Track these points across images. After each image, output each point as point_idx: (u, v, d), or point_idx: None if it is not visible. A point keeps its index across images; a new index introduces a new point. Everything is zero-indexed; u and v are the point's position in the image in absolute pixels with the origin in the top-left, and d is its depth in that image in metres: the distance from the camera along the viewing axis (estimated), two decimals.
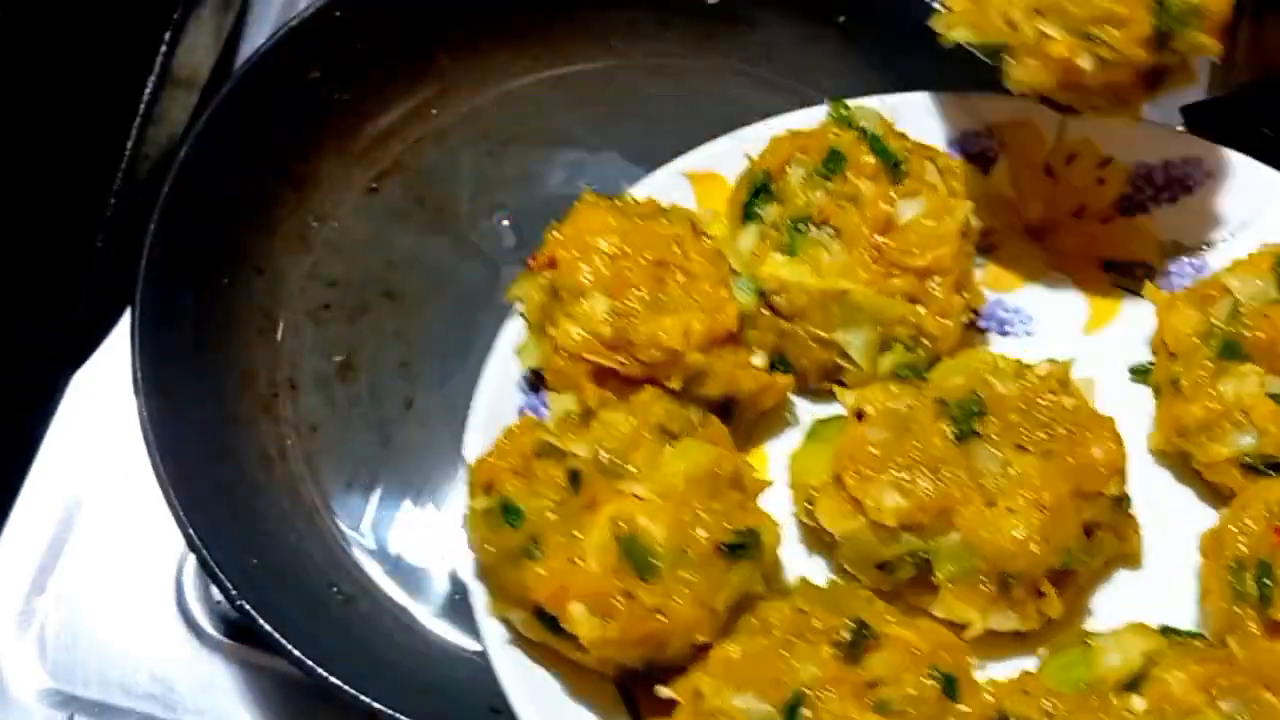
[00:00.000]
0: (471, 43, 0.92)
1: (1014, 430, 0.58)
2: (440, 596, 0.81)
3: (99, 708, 0.82)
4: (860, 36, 0.91)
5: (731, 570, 0.55)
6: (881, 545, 0.57)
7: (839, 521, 0.58)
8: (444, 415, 0.85)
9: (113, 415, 0.86)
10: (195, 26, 0.95)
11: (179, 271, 0.82)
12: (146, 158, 0.92)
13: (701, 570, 0.54)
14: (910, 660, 0.54)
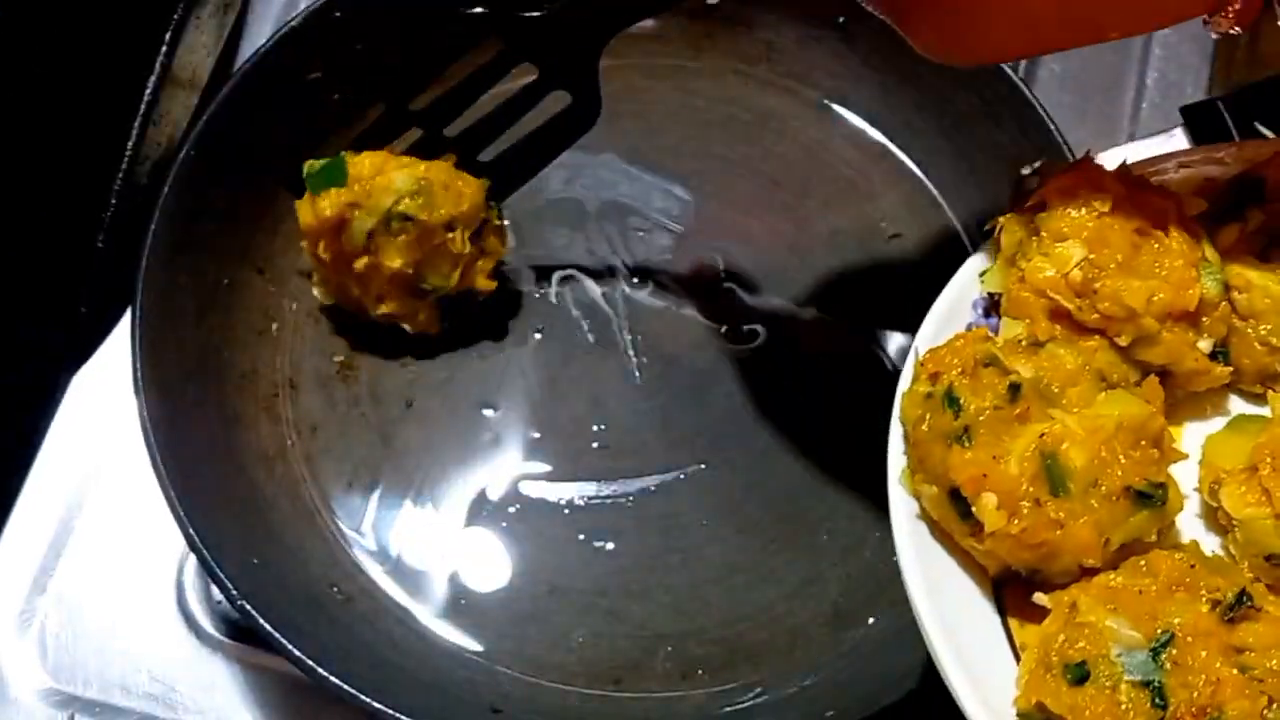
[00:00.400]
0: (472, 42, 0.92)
1: None
2: (441, 596, 0.81)
3: (99, 707, 0.82)
4: (860, 36, 0.91)
5: (1134, 514, 0.59)
6: (1277, 537, 0.60)
7: (1243, 507, 0.61)
8: (444, 415, 0.85)
9: (113, 415, 0.86)
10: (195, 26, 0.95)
11: (179, 272, 0.82)
12: (147, 158, 0.92)
13: (1107, 504, 0.58)
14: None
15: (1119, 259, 0.63)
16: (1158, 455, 0.61)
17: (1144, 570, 0.59)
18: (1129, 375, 0.64)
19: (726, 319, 0.88)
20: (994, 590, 0.62)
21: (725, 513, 0.83)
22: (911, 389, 0.64)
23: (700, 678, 0.79)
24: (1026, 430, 0.60)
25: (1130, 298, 0.63)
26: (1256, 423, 0.65)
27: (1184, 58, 0.99)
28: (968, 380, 0.61)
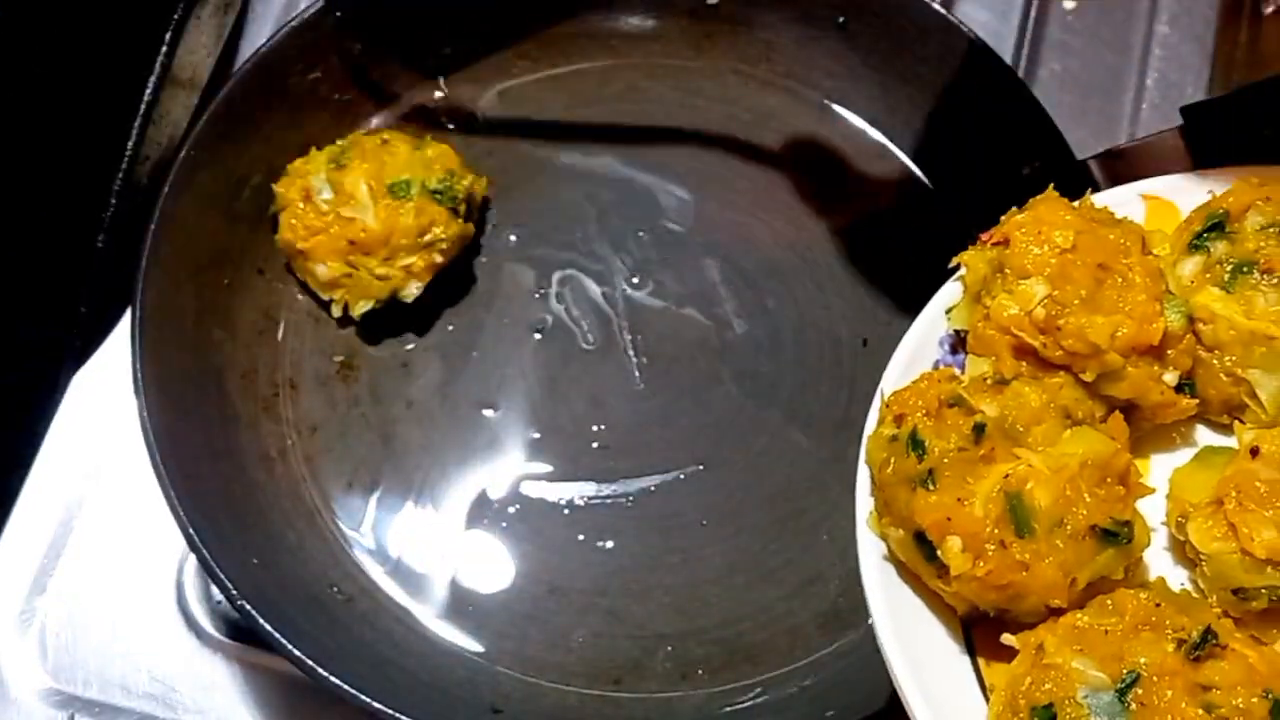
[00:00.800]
0: (471, 43, 0.92)
1: None
2: (441, 597, 0.81)
3: (99, 707, 0.82)
4: (860, 36, 0.91)
5: (1100, 552, 0.59)
6: (1244, 572, 0.60)
7: (1209, 542, 0.61)
8: (444, 415, 0.85)
9: (113, 415, 0.86)
10: (195, 26, 0.95)
11: (179, 271, 0.82)
12: (147, 158, 0.92)
13: (1073, 543, 0.59)
14: (1248, 677, 0.57)
15: (1082, 294, 0.64)
16: (1123, 492, 0.61)
17: (1110, 609, 0.59)
18: (1094, 411, 0.64)
19: (726, 319, 0.88)
20: (963, 630, 0.62)
21: (725, 513, 0.83)
22: (876, 432, 0.64)
23: (700, 678, 0.79)
24: (991, 471, 0.60)
25: (1094, 334, 0.63)
26: (1223, 455, 0.65)
27: (1184, 58, 0.99)
28: (932, 422, 0.61)
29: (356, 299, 0.84)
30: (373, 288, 0.84)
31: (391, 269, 0.83)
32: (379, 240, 0.82)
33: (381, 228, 0.82)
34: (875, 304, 0.88)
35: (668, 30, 0.94)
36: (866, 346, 0.87)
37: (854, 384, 0.86)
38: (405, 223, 0.83)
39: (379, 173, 0.83)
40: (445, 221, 0.84)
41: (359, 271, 0.83)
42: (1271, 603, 0.60)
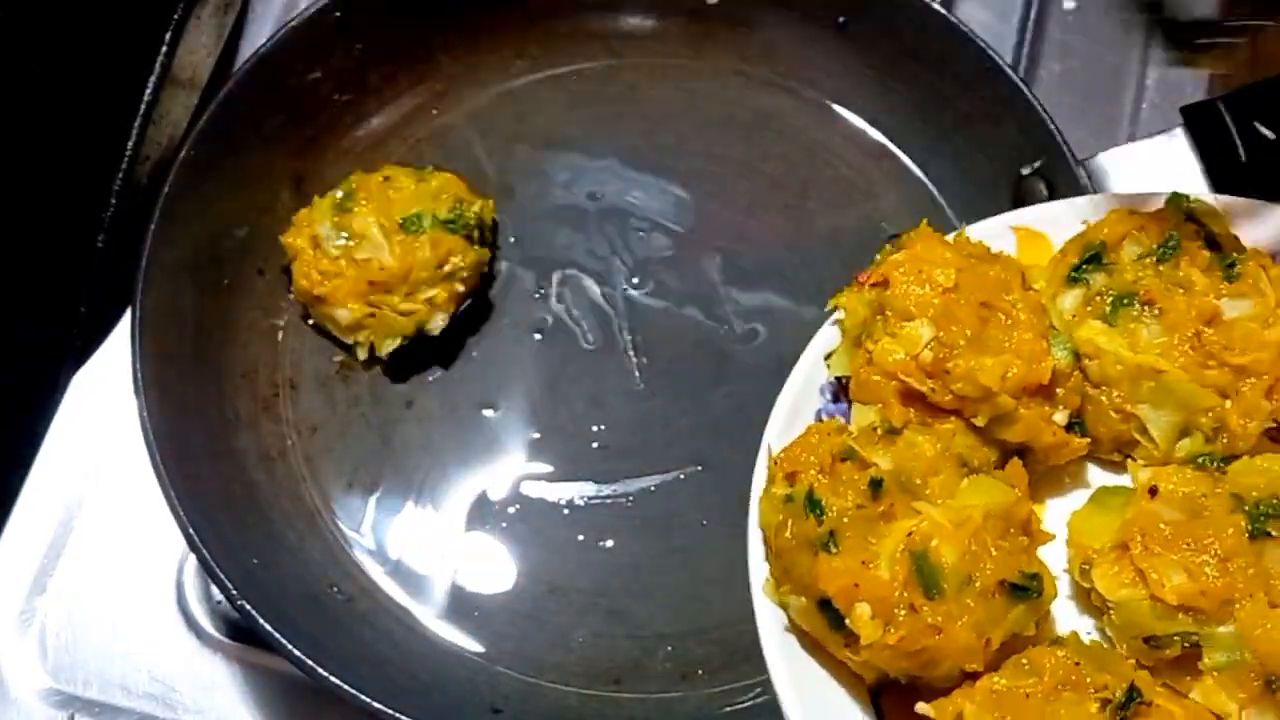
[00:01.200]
0: (471, 43, 0.92)
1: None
2: (441, 596, 0.81)
3: (99, 707, 0.82)
4: (860, 36, 0.91)
5: (1011, 609, 0.57)
6: (1155, 619, 0.58)
7: (1117, 589, 0.59)
8: (444, 415, 0.85)
9: (113, 415, 0.86)
10: (195, 27, 0.95)
11: (179, 271, 0.82)
12: (147, 158, 0.92)
13: (983, 601, 0.56)
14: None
15: (968, 334, 0.61)
16: (1027, 542, 0.59)
17: (1027, 669, 0.57)
18: (989, 456, 0.62)
19: (726, 319, 0.88)
20: (871, 699, 0.60)
21: (725, 513, 0.83)
22: (769, 492, 0.61)
23: (700, 678, 0.79)
24: (893, 528, 0.57)
25: (984, 376, 0.61)
26: (1119, 495, 0.63)
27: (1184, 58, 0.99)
28: (826, 479, 0.59)
29: (382, 338, 0.83)
30: (397, 325, 0.83)
31: (415, 304, 0.83)
32: (398, 277, 0.82)
33: (399, 264, 0.82)
34: None
35: (668, 30, 0.94)
36: None
37: None
38: (423, 256, 0.82)
39: (387, 210, 0.83)
40: (462, 250, 0.84)
41: (382, 310, 0.83)
42: (1184, 649, 0.58)
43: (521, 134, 0.93)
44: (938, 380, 0.61)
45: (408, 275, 0.82)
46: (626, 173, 0.92)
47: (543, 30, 0.92)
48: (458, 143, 0.92)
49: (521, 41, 0.93)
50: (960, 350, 0.61)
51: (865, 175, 0.92)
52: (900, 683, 0.58)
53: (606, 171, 0.92)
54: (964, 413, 0.62)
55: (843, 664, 0.59)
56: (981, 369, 0.61)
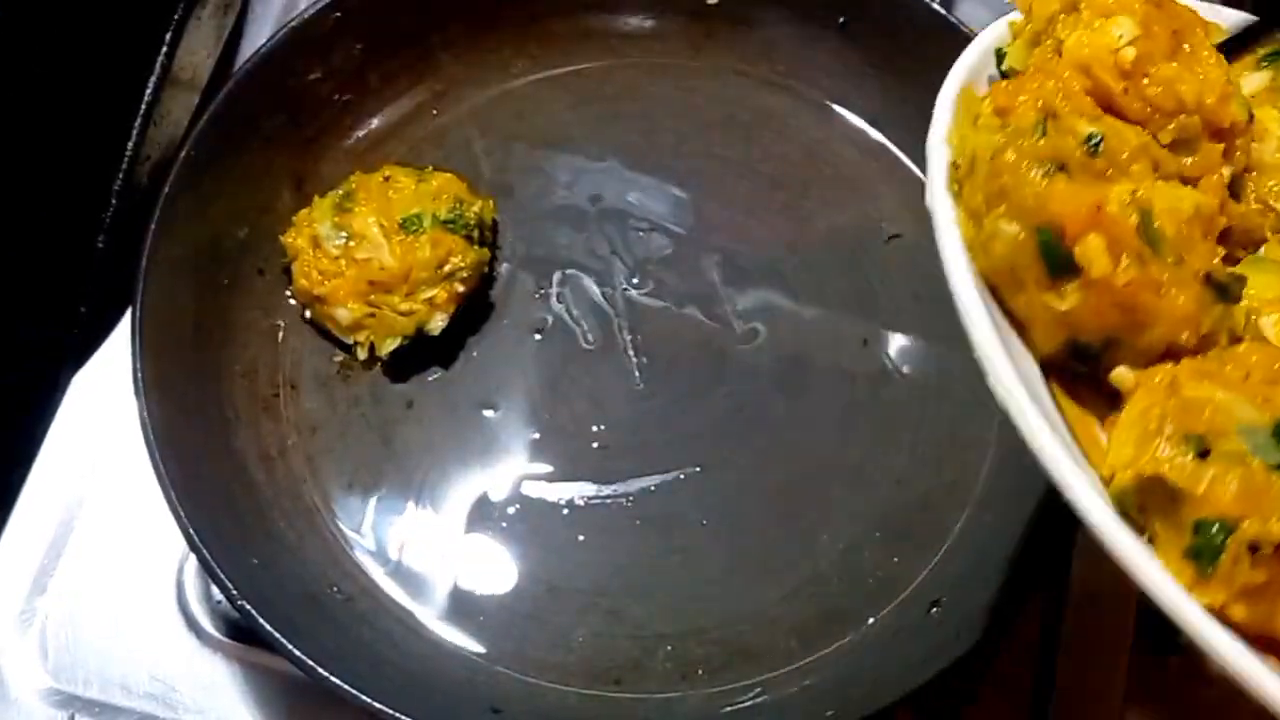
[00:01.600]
0: (471, 43, 0.92)
1: None
2: (441, 597, 0.81)
3: (99, 707, 0.82)
4: (860, 36, 0.91)
5: (1214, 304, 0.53)
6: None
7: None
8: (444, 415, 0.85)
9: (113, 415, 0.86)
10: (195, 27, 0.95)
11: (179, 271, 0.82)
12: (147, 158, 0.92)
13: (1195, 283, 0.52)
14: None
15: (1165, 50, 0.56)
16: (1223, 252, 0.54)
17: (1232, 360, 0.51)
18: (1173, 168, 0.56)
19: (726, 319, 0.88)
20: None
21: (725, 513, 0.83)
22: (975, 123, 0.55)
23: (700, 678, 0.79)
24: (1119, 185, 0.52)
25: (1185, 88, 0.56)
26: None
27: None
28: (1048, 120, 0.53)
29: (382, 338, 0.83)
30: (398, 325, 0.83)
31: (415, 304, 0.83)
32: (398, 277, 0.82)
33: (399, 264, 0.82)
34: (875, 304, 0.88)
35: (668, 30, 0.94)
36: (866, 346, 0.87)
37: (854, 383, 0.86)
38: (422, 256, 0.82)
39: (387, 210, 0.83)
40: (462, 250, 0.84)
41: (382, 310, 0.83)
42: None
43: (521, 134, 0.93)
44: (1134, 82, 0.57)
45: (408, 275, 0.82)
46: (626, 173, 0.92)
47: (543, 30, 0.92)
48: (458, 143, 0.92)
49: (521, 41, 0.93)
50: (1159, 61, 0.57)
51: (865, 175, 0.92)
52: (1070, 365, 0.54)
53: (606, 171, 0.92)
54: (1148, 126, 0.57)
55: (1021, 328, 0.54)
56: (1182, 79, 0.56)
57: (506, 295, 0.88)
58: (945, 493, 0.83)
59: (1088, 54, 0.56)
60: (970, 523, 0.82)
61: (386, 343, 0.83)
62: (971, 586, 0.78)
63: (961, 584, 0.79)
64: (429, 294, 0.83)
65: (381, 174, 0.85)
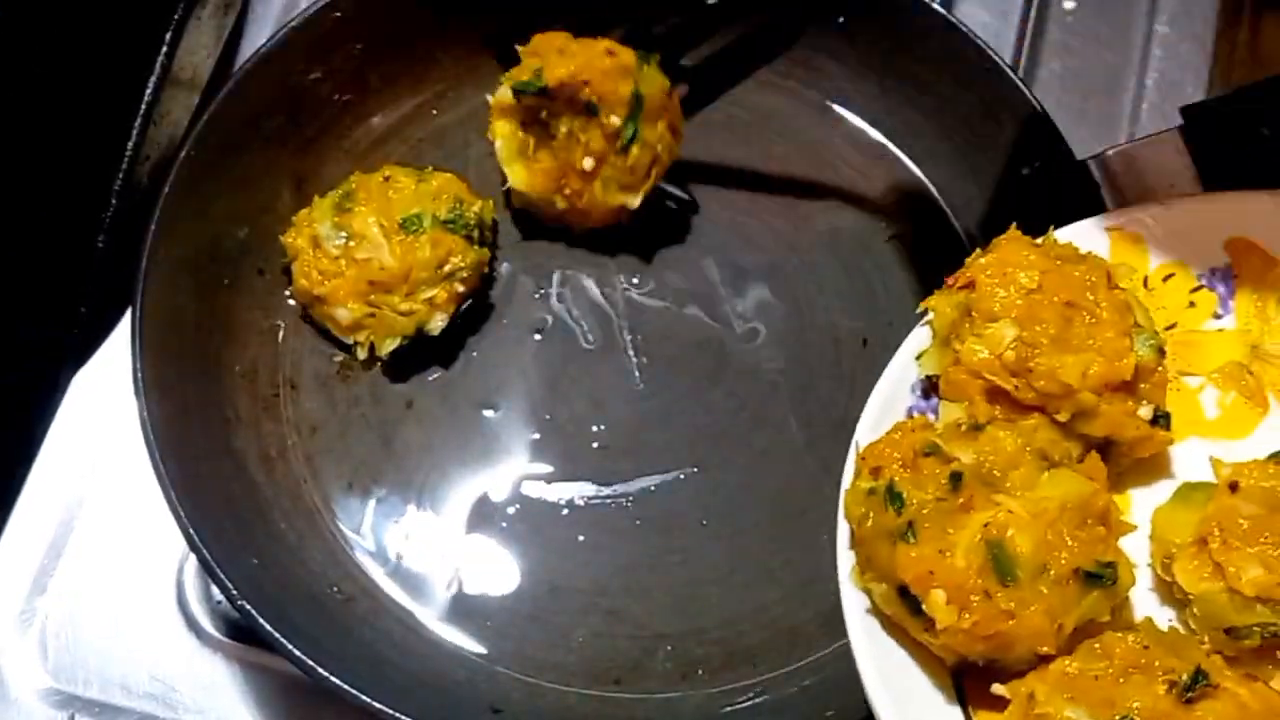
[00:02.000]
0: (472, 43, 0.92)
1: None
2: (441, 597, 0.81)
3: (100, 707, 0.82)
4: (860, 36, 0.91)
5: (1085, 596, 0.60)
6: (1235, 612, 0.61)
7: (1196, 582, 0.62)
8: (444, 416, 0.85)
9: (113, 415, 0.86)
10: (196, 27, 0.95)
11: (179, 271, 0.82)
12: (147, 158, 0.92)
13: (1058, 588, 0.59)
14: (1241, 715, 0.58)
15: (1051, 334, 0.64)
16: (1104, 533, 0.61)
17: (1099, 653, 0.59)
18: (1071, 451, 0.65)
19: (726, 319, 0.88)
20: (953, 681, 0.62)
21: (725, 513, 0.83)
22: (854, 485, 0.64)
23: (700, 678, 0.79)
24: (971, 520, 0.60)
25: (1065, 374, 0.63)
26: (1202, 491, 0.65)
27: (1184, 58, 0.99)
28: (909, 473, 0.61)
29: (382, 338, 0.83)
30: (397, 325, 0.83)
31: (414, 304, 0.83)
32: (398, 277, 0.82)
33: (399, 264, 0.82)
34: (875, 304, 0.88)
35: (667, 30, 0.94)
36: (866, 346, 0.87)
37: (854, 384, 0.86)
38: (422, 256, 0.82)
39: (387, 210, 0.83)
40: (462, 250, 0.84)
41: (382, 310, 0.83)
42: (1265, 639, 0.60)
43: None
44: (1021, 378, 0.64)
45: (408, 275, 0.82)
46: None
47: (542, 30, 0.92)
48: (458, 143, 0.92)
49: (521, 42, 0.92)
50: (1043, 349, 0.64)
51: (865, 175, 0.92)
52: (979, 665, 0.61)
53: None
54: (1047, 409, 0.65)
55: (924, 647, 0.61)
56: (1063, 367, 0.64)
57: (506, 295, 0.88)
58: None
59: (977, 361, 0.65)
60: None
61: (386, 343, 0.83)
62: None
63: None
64: (429, 294, 0.83)
65: (381, 174, 0.85)
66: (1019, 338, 0.64)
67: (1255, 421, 0.69)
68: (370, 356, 0.84)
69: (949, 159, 0.90)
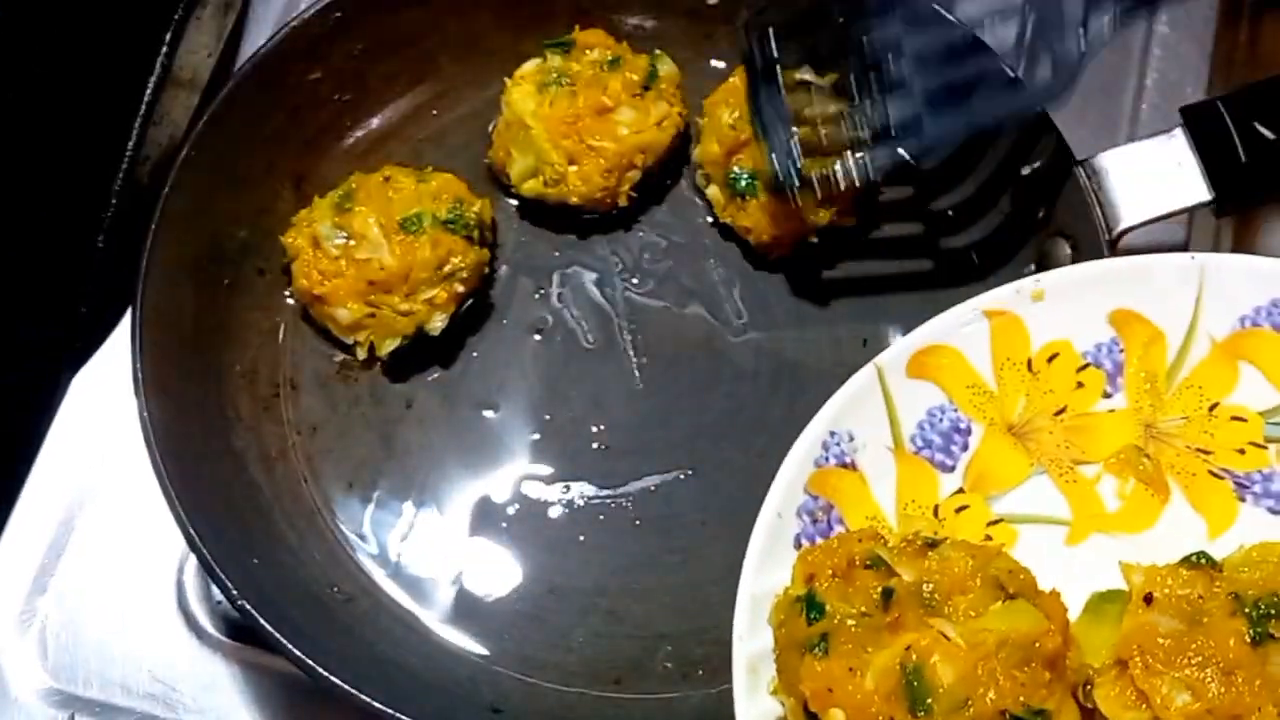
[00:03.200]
0: (471, 43, 0.92)
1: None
2: (441, 597, 0.81)
3: (100, 707, 0.82)
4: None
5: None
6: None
7: (1121, 711, 0.58)
8: (444, 416, 0.85)
9: (113, 415, 0.86)
10: (196, 27, 0.95)
11: (179, 271, 0.82)
12: (147, 158, 0.92)
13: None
14: None
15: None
16: (1048, 678, 0.56)
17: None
18: (1039, 587, 0.60)
19: (727, 319, 0.88)
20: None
21: (725, 513, 0.83)
22: (785, 592, 0.61)
23: (700, 678, 0.79)
24: (896, 640, 0.56)
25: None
26: (1115, 603, 0.61)
27: (1184, 58, 0.99)
28: (840, 584, 0.58)
29: (382, 338, 0.83)
30: (397, 325, 0.83)
31: (414, 304, 0.83)
32: (398, 277, 0.82)
33: (399, 264, 0.82)
34: (875, 304, 0.88)
35: (668, 30, 0.94)
36: (866, 346, 0.87)
37: None
38: (423, 256, 0.82)
39: (387, 210, 0.83)
40: (462, 250, 0.84)
41: (382, 310, 0.83)
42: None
43: None
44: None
45: (407, 275, 0.82)
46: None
47: (542, 32, 0.92)
48: (458, 143, 0.92)
49: (520, 42, 0.92)
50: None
51: None
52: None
53: None
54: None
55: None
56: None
57: (506, 295, 0.88)
58: None
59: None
60: None
61: (386, 343, 0.83)
62: None
63: None
64: (429, 294, 0.83)
65: (381, 174, 0.85)
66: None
67: (1158, 511, 0.66)
68: (370, 356, 0.84)
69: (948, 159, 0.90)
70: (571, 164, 0.86)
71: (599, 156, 0.86)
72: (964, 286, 0.88)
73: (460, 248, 0.83)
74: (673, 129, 0.88)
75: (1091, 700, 0.59)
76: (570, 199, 0.87)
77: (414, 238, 0.82)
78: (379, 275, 0.82)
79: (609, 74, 0.87)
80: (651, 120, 0.87)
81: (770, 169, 0.78)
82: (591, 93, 0.86)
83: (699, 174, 0.90)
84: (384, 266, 0.82)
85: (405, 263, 0.82)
